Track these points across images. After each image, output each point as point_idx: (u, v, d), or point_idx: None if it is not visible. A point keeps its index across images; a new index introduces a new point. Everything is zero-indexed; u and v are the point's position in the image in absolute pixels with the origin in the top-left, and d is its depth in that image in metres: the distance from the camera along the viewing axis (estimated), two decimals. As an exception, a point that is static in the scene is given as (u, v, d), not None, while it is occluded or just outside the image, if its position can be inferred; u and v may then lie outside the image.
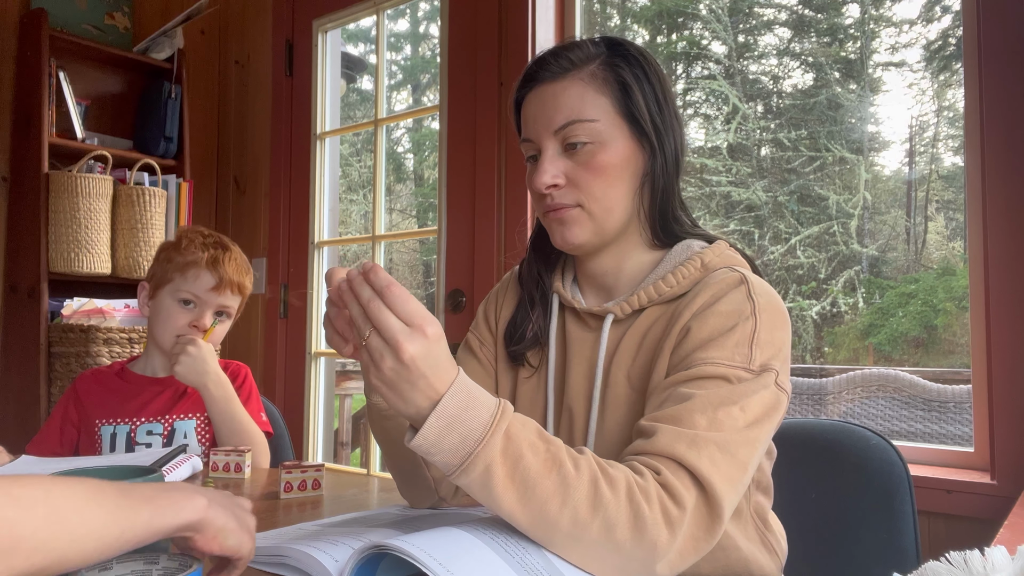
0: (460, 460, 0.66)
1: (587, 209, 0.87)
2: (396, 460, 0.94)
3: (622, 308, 0.89)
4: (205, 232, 1.57)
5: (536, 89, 0.89)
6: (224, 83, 2.85)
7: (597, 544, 0.66)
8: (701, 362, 0.77)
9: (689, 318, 0.82)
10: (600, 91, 0.86)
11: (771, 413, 0.76)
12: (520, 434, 0.68)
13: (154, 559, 0.62)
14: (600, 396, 0.88)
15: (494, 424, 0.67)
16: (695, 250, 0.89)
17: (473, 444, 0.66)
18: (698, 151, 7.85)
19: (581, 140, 0.86)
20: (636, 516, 0.66)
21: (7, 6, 2.63)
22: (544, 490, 0.66)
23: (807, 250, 7.27)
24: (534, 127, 0.89)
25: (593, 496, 0.66)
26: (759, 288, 0.83)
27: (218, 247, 1.54)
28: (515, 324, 0.98)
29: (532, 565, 0.65)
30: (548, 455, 0.68)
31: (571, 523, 0.66)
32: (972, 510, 1.37)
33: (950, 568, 0.51)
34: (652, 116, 0.87)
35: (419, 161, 10.84)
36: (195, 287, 1.49)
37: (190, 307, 1.50)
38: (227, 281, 1.50)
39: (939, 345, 6.71)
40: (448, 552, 0.63)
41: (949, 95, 7.40)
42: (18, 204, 2.51)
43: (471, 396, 0.68)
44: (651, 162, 0.88)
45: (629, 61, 0.88)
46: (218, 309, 1.52)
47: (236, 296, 1.55)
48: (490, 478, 0.66)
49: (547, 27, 2.07)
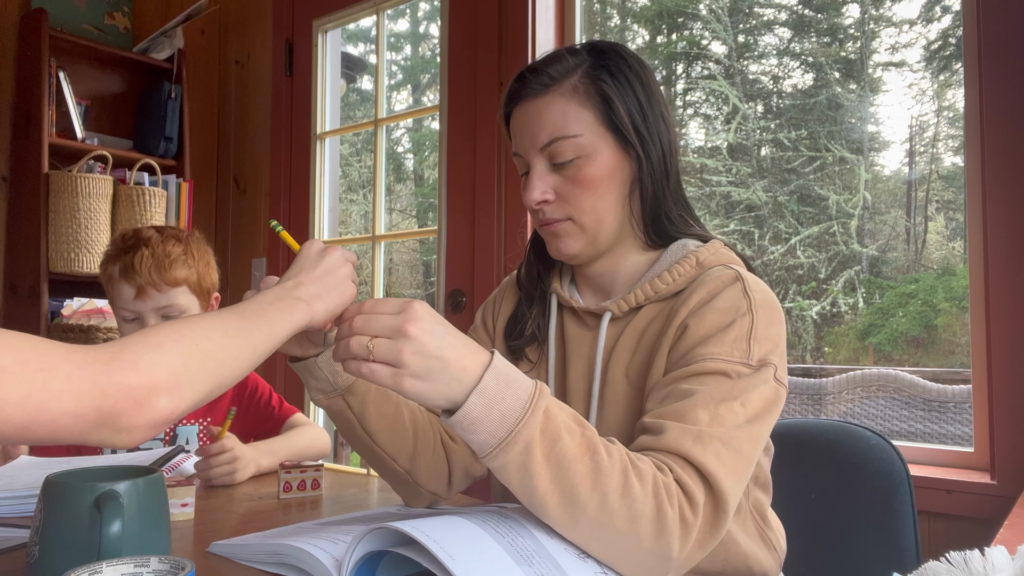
0: (500, 439, 0.66)
1: (578, 222, 0.89)
2: (370, 460, 0.94)
3: (619, 306, 0.90)
4: (128, 234, 1.44)
5: (520, 105, 0.90)
6: (224, 83, 2.85)
7: (620, 534, 0.67)
8: (701, 358, 0.78)
9: (686, 315, 0.83)
10: (582, 104, 0.86)
11: (771, 407, 0.77)
12: (558, 415, 0.68)
13: (144, 562, 0.62)
14: (599, 393, 0.89)
15: (535, 400, 0.67)
16: (690, 249, 0.90)
17: (514, 422, 0.66)
18: (698, 151, 7.85)
19: (567, 155, 0.86)
20: (659, 512, 0.67)
21: (7, 6, 2.63)
22: (577, 473, 0.66)
23: (807, 250, 7.27)
24: (521, 144, 0.90)
25: (623, 485, 0.67)
26: (754, 285, 0.84)
27: (132, 249, 1.39)
28: (515, 321, 0.99)
29: (523, 545, 0.65)
30: (584, 439, 0.68)
31: (599, 509, 0.66)
32: (972, 510, 1.37)
33: (950, 568, 0.51)
34: (635, 124, 0.87)
35: (419, 161, 10.84)
36: (122, 303, 1.39)
37: (136, 322, 1.41)
38: (145, 284, 1.37)
39: (939, 345, 6.71)
40: (444, 532, 0.63)
41: (949, 95, 7.40)
42: (18, 204, 2.51)
43: (510, 374, 0.68)
44: (638, 169, 0.89)
45: (610, 70, 0.88)
46: (161, 313, 1.39)
47: (170, 290, 1.39)
48: (529, 457, 0.66)
49: (547, 27, 2.07)
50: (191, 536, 0.92)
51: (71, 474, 0.77)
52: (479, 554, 0.62)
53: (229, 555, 0.82)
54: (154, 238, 1.42)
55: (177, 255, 1.41)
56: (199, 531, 0.94)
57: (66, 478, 0.75)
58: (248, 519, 1.01)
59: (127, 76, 2.85)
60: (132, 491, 0.73)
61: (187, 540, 0.90)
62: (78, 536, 0.70)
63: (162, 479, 0.78)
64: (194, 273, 1.44)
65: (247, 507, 1.09)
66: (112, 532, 0.68)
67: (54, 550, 0.71)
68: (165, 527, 0.77)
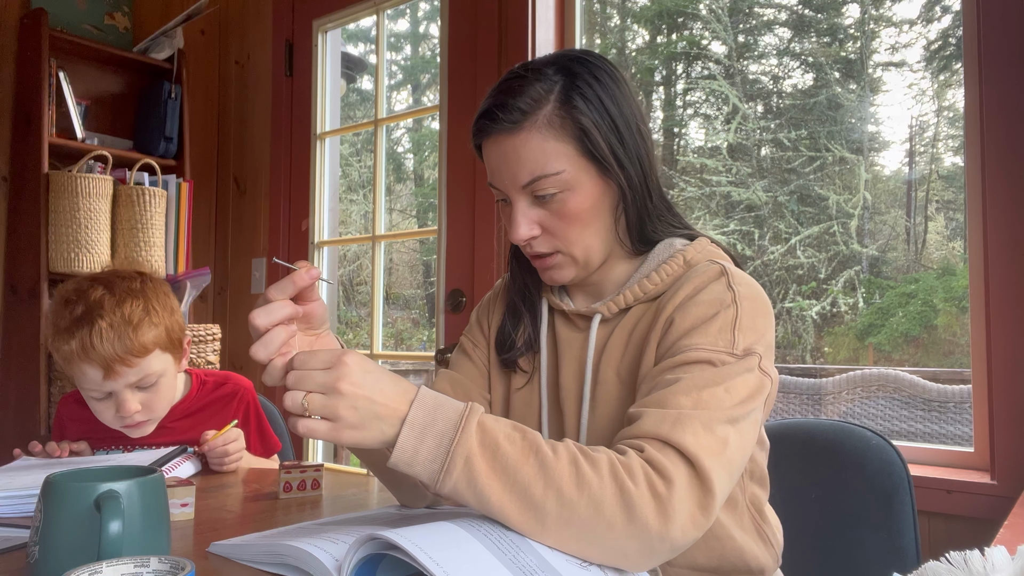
0: (440, 462, 0.67)
1: (567, 254, 0.88)
2: (375, 468, 0.94)
3: (609, 308, 0.91)
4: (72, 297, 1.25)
5: (493, 138, 0.86)
6: (224, 83, 2.85)
7: (589, 525, 0.66)
8: (685, 348, 0.78)
9: (672, 310, 0.83)
10: (559, 139, 0.83)
11: (756, 395, 0.77)
12: (494, 426, 0.69)
13: (144, 562, 0.62)
14: (590, 393, 0.89)
15: (465, 418, 0.68)
16: (677, 247, 0.90)
17: (448, 442, 0.67)
18: (698, 151, 7.85)
19: (550, 190, 0.84)
20: (622, 492, 0.66)
21: (7, 6, 2.63)
22: (525, 475, 0.66)
23: (807, 250, 7.26)
24: (499, 178, 0.87)
25: (575, 475, 0.66)
26: (739, 279, 0.85)
27: (85, 322, 1.21)
28: (504, 332, 0.99)
29: (525, 562, 0.65)
30: (525, 442, 0.68)
31: (557, 504, 0.66)
32: (972, 510, 1.37)
33: (950, 568, 0.51)
34: (614, 150, 0.85)
35: (419, 161, 10.83)
36: (90, 384, 1.24)
37: (109, 399, 1.27)
38: (112, 363, 1.21)
39: (939, 345, 6.71)
40: (439, 546, 0.63)
41: (949, 95, 7.39)
42: (18, 204, 2.51)
43: (437, 401, 0.69)
44: (620, 192, 0.88)
45: (583, 92, 0.84)
46: (137, 386, 1.27)
47: (141, 361, 1.24)
48: (472, 472, 0.66)
49: (547, 27, 2.07)
50: (191, 536, 0.92)
51: (71, 474, 0.77)
52: (467, 561, 0.62)
53: (229, 555, 0.82)
54: (107, 302, 1.23)
55: (139, 317, 1.23)
56: (199, 531, 0.94)
57: (66, 478, 0.75)
58: (248, 519, 1.01)
59: (127, 76, 2.85)
60: (132, 491, 0.73)
61: (187, 540, 0.90)
62: (78, 536, 0.70)
63: (162, 479, 0.78)
64: (162, 331, 1.27)
65: (247, 507, 1.09)
66: (112, 532, 0.68)
67: (54, 550, 0.71)
68: (165, 527, 0.77)
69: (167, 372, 1.30)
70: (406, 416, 0.68)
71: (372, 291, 2.44)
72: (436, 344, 2.15)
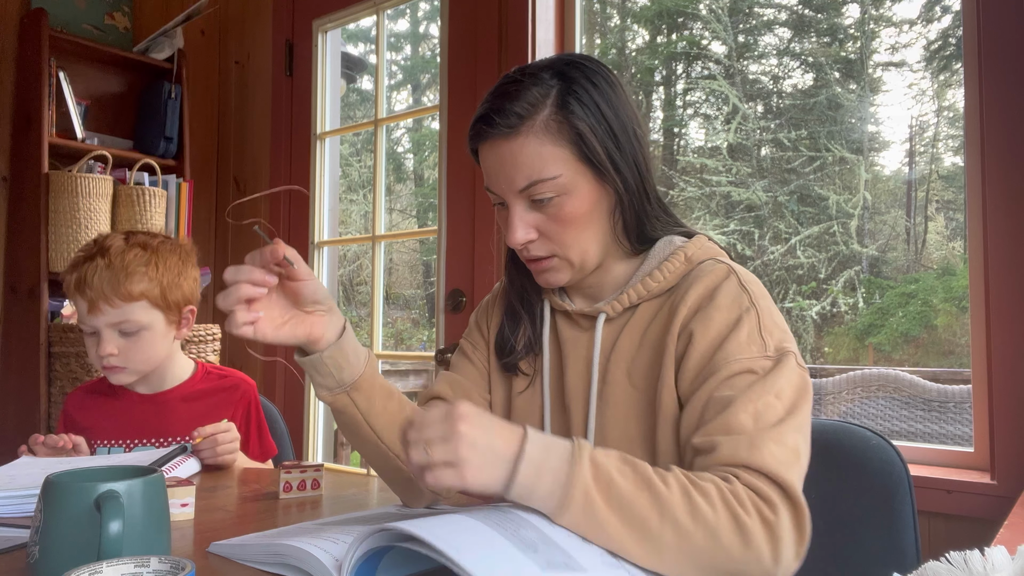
0: (558, 498, 0.67)
1: (564, 257, 0.88)
2: (372, 459, 0.95)
3: (613, 307, 0.90)
4: (97, 239, 1.36)
5: (490, 142, 0.86)
6: (224, 83, 2.85)
7: (708, 554, 0.67)
8: (723, 362, 0.79)
9: (687, 315, 0.83)
10: (556, 143, 0.83)
11: (803, 392, 0.78)
12: (605, 461, 0.69)
13: (144, 562, 0.62)
14: (598, 394, 0.89)
15: (575, 455, 0.69)
16: (677, 244, 0.91)
17: (565, 476, 0.68)
18: (698, 151, 7.86)
19: (547, 194, 0.85)
20: (736, 522, 0.67)
21: (7, 6, 2.63)
22: (641, 508, 0.67)
23: (807, 250, 7.26)
24: (496, 182, 0.87)
25: (688, 506, 0.67)
26: (747, 277, 0.86)
27: (88, 259, 1.30)
28: (503, 336, 0.99)
29: (525, 536, 0.66)
30: (636, 476, 0.69)
31: (674, 535, 0.66)
32: (972, 510, 1.37)
33: (950, 568, 0.51)
34: (610, 155, 0.85)
35: (419, 161, 10.84)
36: (79, 316, 1.33)
37: (94, 336, 1.33)
38: (96, 298, 1.28)
39: (939, 345, 6.72)
40: (453, 532, 0.63)
41: (949, 95, 7.40)
42: (18, 204, 2.51)
43: (547, 439, 0.70)
44: (617, 195, 0.88)
45: (579, 96, 0.84)
46: (117, 328, 1.31)
47: (124, 305, 1.29)
48: (591, 506, 0.67)
49: (547, 27, 2.07)
50: (191, 536, 0.92)
51: (71, 474, 0.77)
52: (485, 546, 0.62)
53: (229, 555, 0.82)
54: (115, 247, 1.30)
55: (136, 267, 1.30)
56: (199, 531, 0.94)
57: (66, 478, 0.75)
58: (248, 519, 1.01)
59: (127, 76, 2.85)
60: (132, 491, 0.73)
61: (187, 540, 0.90)
62: (78, 536, 0.70)
63: (162, 479, 0.78)
64: (156, 286, 1.32)
65: (247, 507, 1.09)
66: (112, 532, 0.68)
67: (54, 550, 0.71)
68: (165, 527, 0.77)
69: (153, 327, 1.34)
70: (521, 452, 0.68)
71: (372, 291, 2.44)
72: (436, 344, 2.15)
